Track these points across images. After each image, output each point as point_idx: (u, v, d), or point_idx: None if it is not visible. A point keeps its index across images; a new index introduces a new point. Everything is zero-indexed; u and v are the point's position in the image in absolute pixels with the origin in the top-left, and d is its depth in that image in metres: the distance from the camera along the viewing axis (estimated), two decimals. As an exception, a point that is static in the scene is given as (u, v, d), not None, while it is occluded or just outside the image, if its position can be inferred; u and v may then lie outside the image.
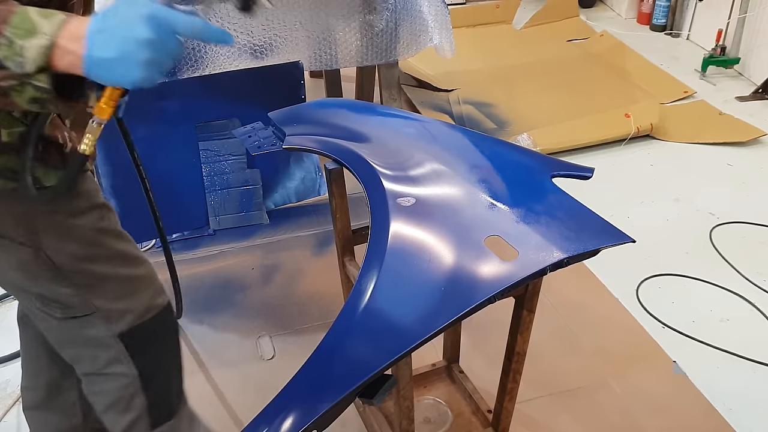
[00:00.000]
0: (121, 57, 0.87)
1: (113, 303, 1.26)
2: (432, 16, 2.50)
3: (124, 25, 0.86)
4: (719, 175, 2.97)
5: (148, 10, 0.87)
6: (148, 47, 0.87)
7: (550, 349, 2.07)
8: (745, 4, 3.65)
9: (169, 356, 1.41)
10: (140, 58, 0.87)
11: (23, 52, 0.84)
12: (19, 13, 0.85)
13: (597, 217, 1.25)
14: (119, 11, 0.88)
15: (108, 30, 0.87)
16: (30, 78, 0.86)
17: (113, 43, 0.86)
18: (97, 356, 1.30)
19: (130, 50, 0.86)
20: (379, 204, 1.30)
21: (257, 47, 2.38)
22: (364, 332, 1.06)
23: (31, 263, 1.17)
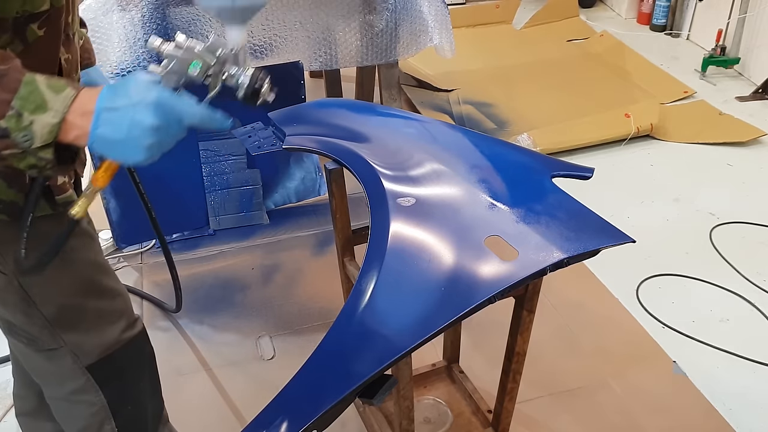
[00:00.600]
0: (126, 139, 0.88)
1: (83, 337, 1.25)
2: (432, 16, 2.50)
3: (132, 108, 0.88)
4: (719, 175, 2.97)
5: (156, 96, 0.89)
6: (154, 134, 0.89)
7: (550, 349, 2.07)
8: (745, 4, 3.65)
9: (141, 383, 1.39)
10: (144, 143, 0.89)
11: (32, 127, 0.84)
12: (28, 84, 0.85)
13: (597, 217, 1.25)
14: (129, 92, 0.89)
15: (116, 111, 0.88)
16: (39, 151, 0.86)
17: (120, 126, 0.88)
18: (64, 384, 1.29)
19: (136, 135, 0.88)
20: (379, 204, 1.30)
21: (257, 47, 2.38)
22: (364, 332, 1.06)
23: (5, 291, 1.15)
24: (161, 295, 2.28)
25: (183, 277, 2.36)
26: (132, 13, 2.11)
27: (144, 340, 1.37)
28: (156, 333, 2.15)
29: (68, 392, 1.30)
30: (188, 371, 2.02)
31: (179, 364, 2.04)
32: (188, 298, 2.27)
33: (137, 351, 1.36)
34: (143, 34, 2.16)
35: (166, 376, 1.99)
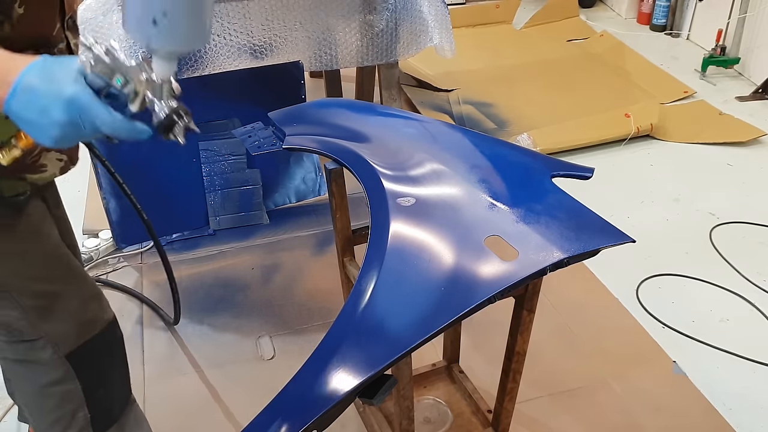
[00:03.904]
0: (35, 122, 0.88)
1: (62, 324, 1.25)
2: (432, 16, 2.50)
3: (46, 96, 0.86)
4: (719, 175, 2.97)
5: (72, 93, 0.87)
6: (59, 128, 0.87)
7: (550, 349, 2.07)
8: (745, 4, 3.65)
9: (113, 367, 1.40)
10: (51, 132, 0.88)
11: None
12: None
13: (597, 217, 1.25)
14: (52, 77, 0.87)
15: (33, 92, 0.86)
16: None
17: (31, 108, 0.87)
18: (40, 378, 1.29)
19: (43, 123, 0.87)
20: (379, 204, 1.30)
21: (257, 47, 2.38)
22: (363, 332, 1.06)
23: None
24: (161, 296, 2.28)
25: (183, 277, 2.36)
26: (132, 13, 2.11)
27: (116, 323, 1.38)
28: (156, 333, 2.15)
29: (43, 385, 1.30)
30: (188, 371, 2.02)
31: (179, 363, 2.04)
32: (188, 298, 2.28)
33: (111, 334, 1.36)
34: (143, 34, 2.15)
35: (166, 375, 2.00)
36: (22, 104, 0.87)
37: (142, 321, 2.19)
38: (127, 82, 0.90)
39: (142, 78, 0.90)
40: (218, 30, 2.27)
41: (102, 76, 0.88)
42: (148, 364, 2.03)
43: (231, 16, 2.26)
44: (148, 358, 2.06)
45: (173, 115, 0.92)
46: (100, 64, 0.88)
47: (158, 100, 0.92)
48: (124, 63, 0.90)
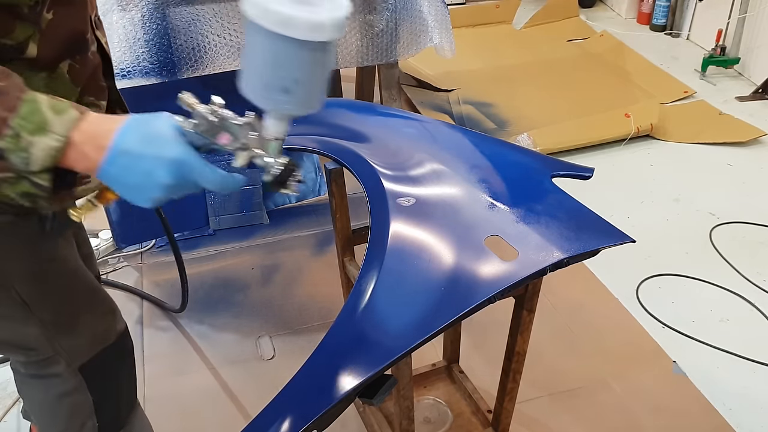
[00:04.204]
0: (135, 187, 0.84)
1: (78, 338, 1.25)
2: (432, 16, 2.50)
3: (149, 159, 0.83)
4: (719, 175, 2.97)
5: (176, 154, 0.84)
6: (163, 190, 0.84)
7: (550, 349, 2.07)
8: (745, 4, 3.65)
9: (122, 377, 1.40)
10: (152, 195, 0.85)
11: (30, 149, 0.79)
12: (28, 102, 0.79)
13: (597, 217, 1.25)
14: (153, 140, 0.83)
15: (133, 156, 0.83)
16: (32, 175, 0.81)
17: (133, 173, 0.83)
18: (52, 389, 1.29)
19: (146, 186, 0.84)
20: (379, 204, 1.30)
21: (257, 47, 2.38)
22: (364, 332, 1.06)
23: (2, 304, 1.14)
24: (161, 296, 2.28)
25: (183, 277, 2.37)
26: (132, 13, 2.11)
27: (127, 333, 1.38)
28: (156, 333, 2.15)
29: (54, 396, 1.30)
30: (188, 371, 2.02)
31: (179, 363, 2.04)
32: (189, 298, 2.28)
33: (123, 345, 1.36)
34: (143, 34, 2.16)
35: (166, 375, 2.00)
36: (121, 169, 0.83)
37: (143, 321, 2.19)
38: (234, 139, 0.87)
39: (252, 136, 0.87)
40: (218, 30, 2.27)
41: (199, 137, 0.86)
42: (148, 364, 2.03)
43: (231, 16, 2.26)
44: (148, 357, 2.06)
45: (288, 171, 0.90)
46: (204, 124, 0.86)
47: (269, 157, 0.89)
48: (232, 121, 0.87)
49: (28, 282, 1.14)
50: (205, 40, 2.25)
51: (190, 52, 2.25)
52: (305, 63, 0.79)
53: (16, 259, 1.11)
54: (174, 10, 2.16)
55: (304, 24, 0.75)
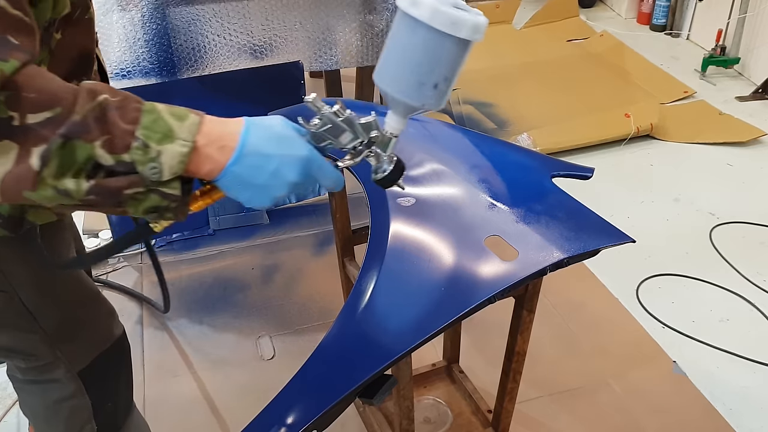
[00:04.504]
0: (261, 187, 0.84)
1: (79, 343, 1.25)
2: (432, 16, 2.50)
3: (278, 158, 0.83)
4: (719, 175, 2.97)
5: (306, 152, 0.85)
6: (288, 188, 0.85)
7: (550, 349, 2.07)
8: (745, 4, 3.65)
9: (120, 380, 1.40)
10: (278, 194, 0.85)
11: (159, 158, 0.77)
12: (148, 112, 0.78)
13: (597, 217, 1.25)
14: (281, 140, 0.84)
15: (262, 155, 0.83)
16: (162, 186, 0.79)
17: (263, 173, 0.83)
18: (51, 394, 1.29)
19: (274, 185, 0.84)
20: (379, 204, 1.30)
21: (257, 47, 2.38)
22: (363, 332, 1.06)
23: (4, 311, 1.13)
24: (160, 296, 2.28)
25: (183, 277, 2.36)
26: (132, 13, 2.11)
27: (125, 336, 1.37)
28: (156, 333, 2.15)
29: (53, 401, 1.29)
30: (188, 371, 2.02)
31: (179, 363, 2.04)
32: (188, 298, 2.28)
33: (121, 348, 1.36)
34: (143, 34, 2.16)
35: (166, 375, 2.00)
36: (249, 168, 0.82)
37: (142, 321, 2.19)
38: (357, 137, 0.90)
39: (373, 134, 0.90)
40: (218, 30, 2.27)
41: (322, 136, 0.88)
42: (147, 364, 2.03)
43: (231, 16, 2.26)
44: (148, 358, 2.06)
45: (399, 169, 0.93)
46: (329, 124, 0.88)
47: (385, 154, 0.92)
48: (357, 121, 0.89)
49: (32, 290, 1.14)
50: (205, 40, 2.25)
51: (190, 52, 2.25)
52: (457, 61, 0.85)
53: (20, 268, 1.11)
54: (174, 10, 2.17)
55: (469, 25, 0.81)
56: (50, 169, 0.73)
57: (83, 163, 0.75)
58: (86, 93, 0.75)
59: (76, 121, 0.73)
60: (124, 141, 0.75)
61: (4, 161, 0.72)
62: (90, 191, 0.76)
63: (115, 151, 0.75)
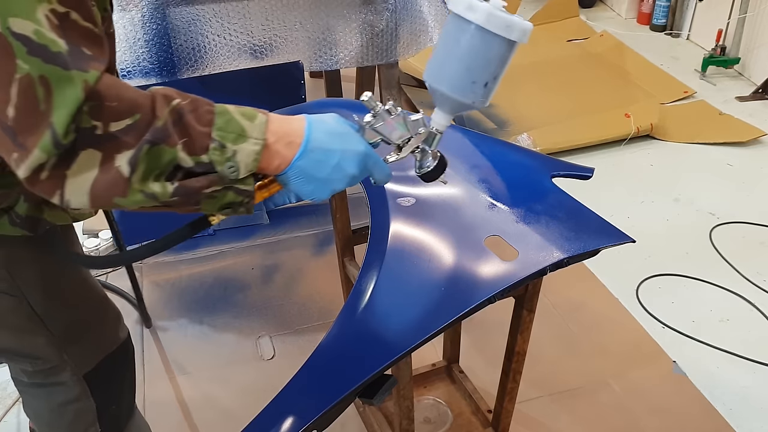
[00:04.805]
0: (323, 180, 0.88)
1: (85, 346, 1.25)
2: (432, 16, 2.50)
3: (340, 153, 0.88)
4: (719, 175, 2.97)
5: (364, 147, 0.90)
6: (348, 182, 0.90)
7: (550, 349, 2.07)
8: (745, 4, 3.65)
9: (125, 382, 1.40)
10: (336, 187, 0.90)
11: (235, 157, 0.81)
12: (221, 114, 0.81)
13: (597, 217, 1.25)
14: (341, 136, 0.89)
15: (325, 150, 0.87)
16: (238, 183, 0.83)
17: (325, 166, 0.88)
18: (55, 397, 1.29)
19: (334, 179, 0.89)
20: (379, 204, 1.30)
21: (257, 47, 2.38)
22: (363, 332, 1.06)
23: (13, 314, 1.13)
24: (161, 295, 2.28)
25: (183, 277, 2.36)
26: (132, 13, 2.11)
27: (130, 339, 1.38)
28: (156, 333, 2.15)
29: (58, 404, 1.29)
30: (188, 371, 2.02)
31: (179, 364, 2.04)
32: (188, 298, 2.28)
33: (126, 351, 1.36)
34: (143, 34, 2.15)
35: (165, 375, 2.00)
36: (313, 162, 0.87)
37: (142, 321, 2.19)
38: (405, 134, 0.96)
39: (421, 131, 0.96)
40: (218, 30, 2.27)
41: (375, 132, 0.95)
42: (147, 365, 2.03)
43: (231, 16, 2.26)
44: (147, 358, 2.06)
45: (441, 165, 0.98)
46: (381, 122, 0.94)
47: (429, 149, 0.98)
48: (408, 118, 0.95)
49: (41, 293, 1.14)
50: (205, 40, 2.25)
51: (190, 52, 2.25)
52: (505, 61, 0.92)
53: (31, 271, 1.11)
54: (174, 10, 2.17)
55: (520, 28, 0.89)
56: (138, 174, 0.76)
57: (166, 166, 0.78)
58: (161, 98, 0.78)
59: (159, 127, 0.76)
60: (202, 143, 0.79)
61: (90, 169, 0.75)
62: (174, 193, 0.79)
63: (195, 153, 0.79)
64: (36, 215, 1.03)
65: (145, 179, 0.77)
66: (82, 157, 0.74)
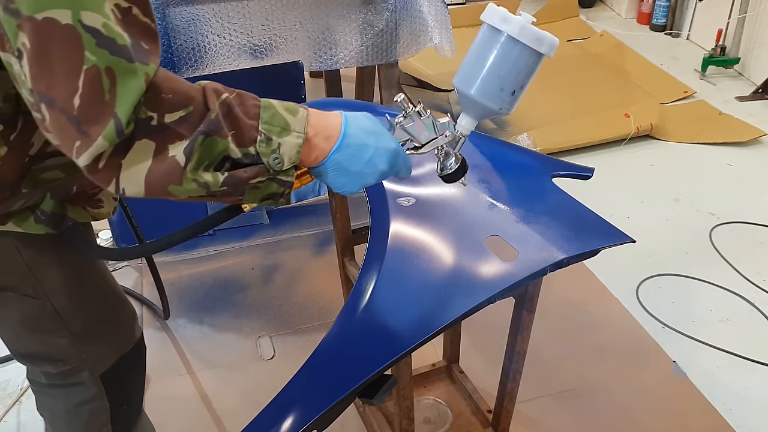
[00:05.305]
0: (356, 173, 0.92)
1: (103, 346, 1.26)
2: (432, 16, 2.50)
3: (372, 149, 0.92)
4: (719, 175, 2.97)
5: (395, 146, 0.95)
6: (378, 177, 0.94)
7: (550, 349, 2.07)
8: (745, 4, 3.65)
9: (137, 384, 1.41)
10: (367, 181, 0.94)
11: (280, 149, 0.85)
12: (267, 108, 0.86)
13: (597, 217, 1.25)
14: (375, 133, 0.93)
15: (359, 146, 0.92)
16: (281, 174, 0.87)
17: (359, 160, 0.92)
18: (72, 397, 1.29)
19: (366, 173, 0.93)
20: (379, 204, 1.30)
21: (257, 47, 2.38)
22: (363, 332, 1.06)
23: (36, 316, 1.14)
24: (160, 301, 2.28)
25: (183, 277, 2.36)
26: (132, 13, 2.11)
27: (143, 339, 1.39)
28: (156, 333, 2.15)
29: (75, 404, 1.30)
30: (188, 371, 2.02)
31: (179, 363, 2.04)
32: (188, 298, 2.28)
33: (139, 351, 1.37)
34: (143, 34, 2.16)
35: (165, 375, 2.00)
36: (348, 156, 0.91)
37: (143, 321, 2.19)
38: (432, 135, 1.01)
39: (447, 134, 1.02)
40: (218, 30, 2.27)
41: (404, 132, 1.00)
42: (148, 364, 2.02)
43: (231, 16, 2.26)
44: (148, 358, 2.05)
45: (463, 168, 1.04)
46: (411, 122, 1.00)
47: (453, 151, 1.04)
48: (437, 121, 1.01)
49: (64, 294, 1.15)
50: (205, 40, 2.25)
51: (189, 52, 2.25)
52: (533, 72, 1.00)
53: (54, 272, 1.12)
54: (174, 10, 2.17)
55: (548, 42, 0.96)
56: (192, 163, 0.79)
57: (217, 156, 0.81)
58: (211, 92, 0.81)
59: (213, 119, 0.80)
60: (250, 135, 0.83)
61: (145, 159, 0.78)
62: (224, 183, 0.83)
63: (243, 145, 0.83)
64: (60, 212, 1.05)
65: (198, 169, 0.80)
66: (137, 147, 0.77)
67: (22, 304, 1.12)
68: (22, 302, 1.12)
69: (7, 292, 1.10)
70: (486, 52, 0.97)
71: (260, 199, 0.88)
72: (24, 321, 1.15)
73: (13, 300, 1.11)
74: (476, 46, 0.98)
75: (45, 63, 0.73)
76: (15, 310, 1.13)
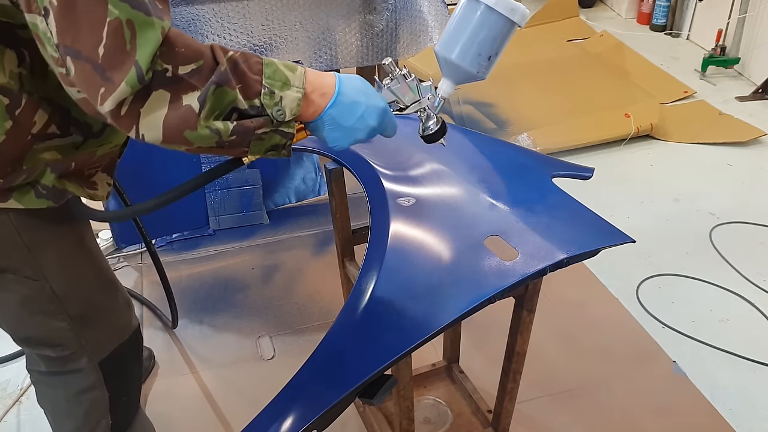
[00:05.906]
0: (349, 128, 1.00)
1: (101, 332, 1.28)
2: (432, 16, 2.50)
3: (364, 106, 1.00)
4: (719, 175, 2.97)
5: (384, 105, 1.03)
6: (368, 132, 1.01)
7: (550, 349, 2.07)
8: (745, 4, 3.65)
9: (134, 374, 1.43)
10: (358, 137, 1.01)
11: (282, 102, 0.92)
12: (268, 65, 0.92)
13: (597, 217, 1.25)
14: (366, 91, 1.01)
15: (352, 103, 0.99)
16: (283, 126, 0.93)
17: (350, 116, 0.99)
18: (71, 386, 1.31)
19: (358, 128, 1.00)
20: (379, 204, 1.30)
21: (257, 47, 2.38)
22: (363, 332, 1.06)
23: (34, 298, 1.17)
24: (161, 295, 2.27)
25: (183, 277, 2.36)
26: (132, 13, 2.11)
27: (140, 329, 1.41)
28: (156, 333, 2.15)
29: (75, 393, 1.31)
30: (188, 371, 2.02)
31: (179, 363, 2.04)
32: (188, 298, 2.28)
33: (136, 341, 1.39)
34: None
35: (166, 375, 2.00)
36: (342, 112, 0.98)
37: (142, 321, 2.19)
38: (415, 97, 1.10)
39: (430, 96, 1.12)
40: (218, 30, 2.27)
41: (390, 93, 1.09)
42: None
43: (231, 16, 2.26)
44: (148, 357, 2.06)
45: (442, 129, 1.13)
46: (397, 84, 1.09)
47: (434, 113, 1.13)
48: (420, 84, 1.11)
49: (61, 275, 1.18)
50: (205, 40, 2.25)
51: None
52: (507, 39, 1.07)
53: (51, 252, 1.15)
54: (174, 10, 2.16)
55: (521, 12, 1.05)
56: (206, 111, 0.87)
57: (226, 106, 0.88)
58: (219, 49, 0.89)
59: (222, 71, 0.87)
60: (254, 88, 0.90)
61: (161, 107, 0.85)
62: (233, 131, 0.90)
63: (249, 97, 0.90)
64: (61, 186, 1.09)
65: (210, 117, 0.87)
66: (154, 97, 0.84)
67: (23, 286, 1.15)
68: (23, 284, 1.15)
69: (8, 274, 1.14)
70: (466, 21, 1.06)
71: (264, 150, 0.94)
72: (24, 303, 1.17)
73: (13, 282, 1.14)
74: (457, 16, 1.07)
75: (71, 17, 0.81)
76: (15, 292, 1.16)
